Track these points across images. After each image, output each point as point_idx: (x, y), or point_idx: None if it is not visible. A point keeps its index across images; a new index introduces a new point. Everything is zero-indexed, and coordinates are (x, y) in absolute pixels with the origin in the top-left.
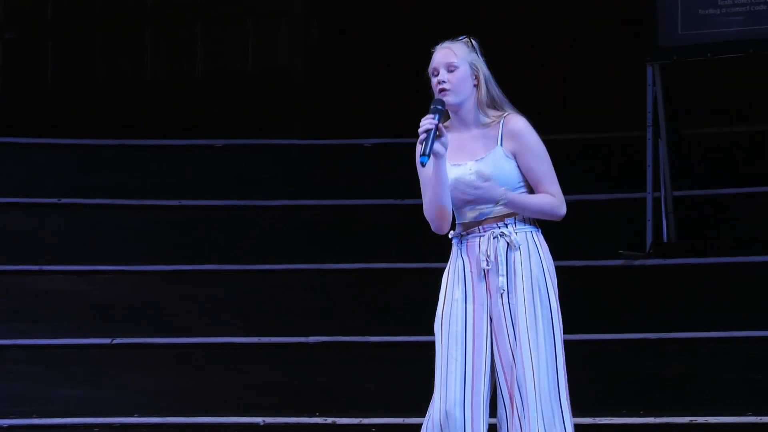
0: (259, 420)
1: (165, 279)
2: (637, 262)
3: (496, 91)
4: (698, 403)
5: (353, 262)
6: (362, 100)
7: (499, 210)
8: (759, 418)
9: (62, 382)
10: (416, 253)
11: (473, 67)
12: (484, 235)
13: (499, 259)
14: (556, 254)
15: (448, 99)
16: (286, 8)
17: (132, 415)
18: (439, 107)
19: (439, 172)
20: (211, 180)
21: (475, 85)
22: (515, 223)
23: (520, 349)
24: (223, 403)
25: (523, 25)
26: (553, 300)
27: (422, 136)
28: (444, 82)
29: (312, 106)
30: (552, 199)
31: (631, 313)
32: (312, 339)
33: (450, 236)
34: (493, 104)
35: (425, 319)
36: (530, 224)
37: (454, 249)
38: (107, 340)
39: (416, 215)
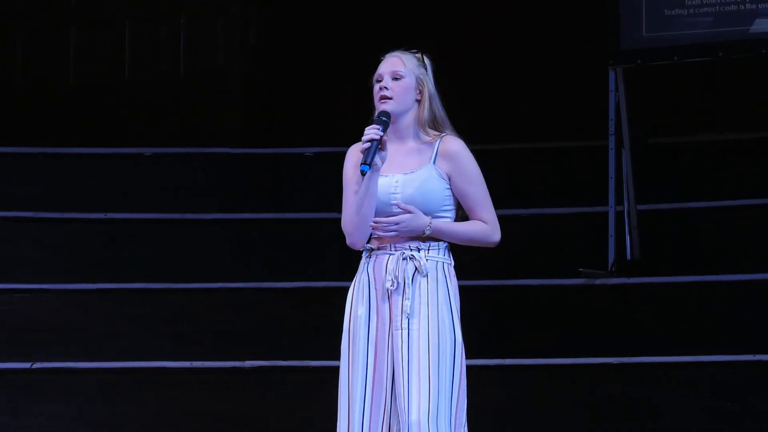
0: None
1: (89, 298)
2: (598, 281)
3: (440, 111)
4: None
5: (293, 280)
6: (303, 106)
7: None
8: None
9: None
10: None
11: (419, 81)
12: (394, 254)
13: (406, 282)
14: (510, 272)
15: (387, 107)
16: (222, 7)
17: None
18: (384, 119)
19: (370, 185)
20: (139, 191)
21: (417, 100)
22: (428, 249)
23: (418, 374)
24: None
25: (474, 25)
26: (458, 332)
27: (365, 145)
28: (386, 89)
29: (249, 112)
30: (483, 227)
31: (592, 335)
32: (248, 363)
33: (362, 247)
34: (434, 124)
35: None
36: (443, 255)
37: (362, 262)
38: (26, 365)
39: None
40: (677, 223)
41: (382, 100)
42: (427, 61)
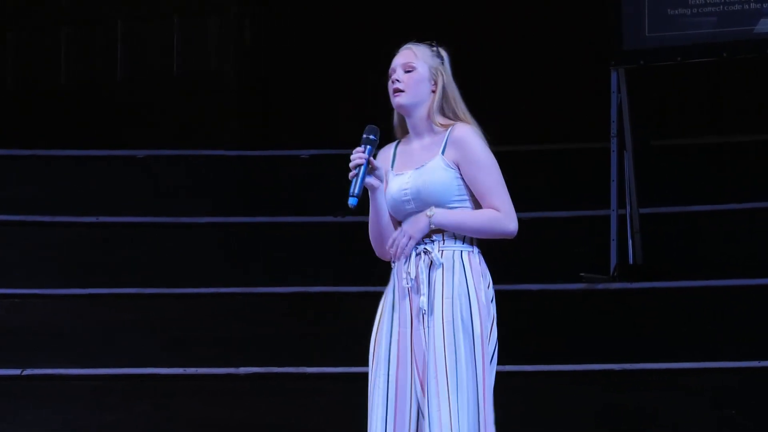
0: None
1: (81, 303)
2: (600, 286)
3: (458, 103)
4: None
5: (288, 286)
6: (300, 107)
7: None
8: None
9: None
10: (358, 275)
11: (433, 72)
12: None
13: (420, 277)
14: (510, 277)
15: (399, 100)
16: (216, 6)
17: None
18: (372, 137)
19: (375, 204)
20: (132, 194)
21: (432, 91)
22: (443, 240)
23: (436, 377)
24: None
25: (474, 25)
26: (476, 325)
27: (353, 172)
28: (398, 81)
29: (243, 114)
30: (496, 215)
31: (594, 341)
32: (243, 370)
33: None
34: (445, 113)
35: (368, 348)
36: (463, 242)
37: (393, 268)
38: (17, 371)
39: (358, 234)
40: (680, 227)
41: (396, 94)
42: (443, 53)
